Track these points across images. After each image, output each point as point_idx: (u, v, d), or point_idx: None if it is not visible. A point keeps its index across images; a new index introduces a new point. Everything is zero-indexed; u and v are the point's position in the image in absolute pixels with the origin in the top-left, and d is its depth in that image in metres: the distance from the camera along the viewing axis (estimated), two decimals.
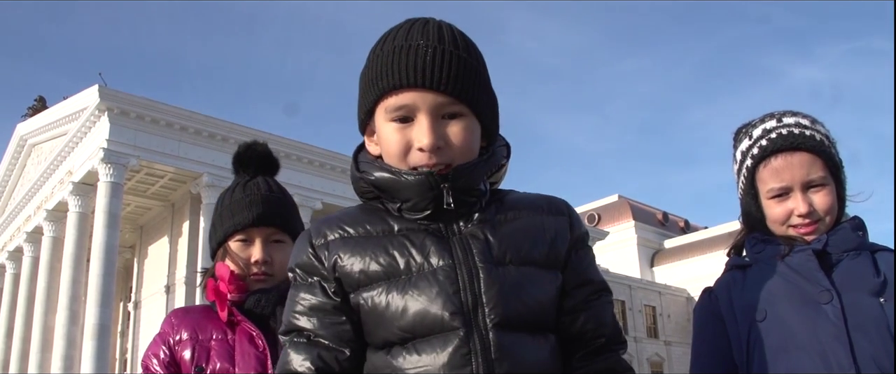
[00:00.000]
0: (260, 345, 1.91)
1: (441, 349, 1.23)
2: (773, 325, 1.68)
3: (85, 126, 27.74)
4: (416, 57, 1.30)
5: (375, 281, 1.30)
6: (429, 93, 1.30)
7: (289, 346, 1.32)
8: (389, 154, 1.34)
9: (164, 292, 29.54)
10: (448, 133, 1.31)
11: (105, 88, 26.39)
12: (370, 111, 1.37)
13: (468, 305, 1.25)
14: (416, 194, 1.32)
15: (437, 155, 1.30)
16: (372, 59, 1.36)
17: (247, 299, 1.98)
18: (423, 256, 1.30)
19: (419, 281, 1.28)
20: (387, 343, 1.29)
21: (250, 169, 2.15)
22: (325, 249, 1.34)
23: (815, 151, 1.77)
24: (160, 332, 1.99)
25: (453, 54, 1.32)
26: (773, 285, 1.73)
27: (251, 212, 2.02)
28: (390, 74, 1.31)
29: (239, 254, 2.03)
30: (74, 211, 27.72)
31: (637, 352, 47.42)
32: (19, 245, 34.24)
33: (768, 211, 1.81)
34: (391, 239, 1.32)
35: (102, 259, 25.01)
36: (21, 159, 36.09)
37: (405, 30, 1.35)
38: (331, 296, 1.32)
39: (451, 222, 1.34)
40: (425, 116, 1.30)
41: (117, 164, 26.03)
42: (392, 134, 1.32)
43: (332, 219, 1.39)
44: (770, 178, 1.78)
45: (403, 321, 1.26)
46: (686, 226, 64.24)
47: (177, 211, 30.76)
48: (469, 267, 1.28)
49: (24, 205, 34.33)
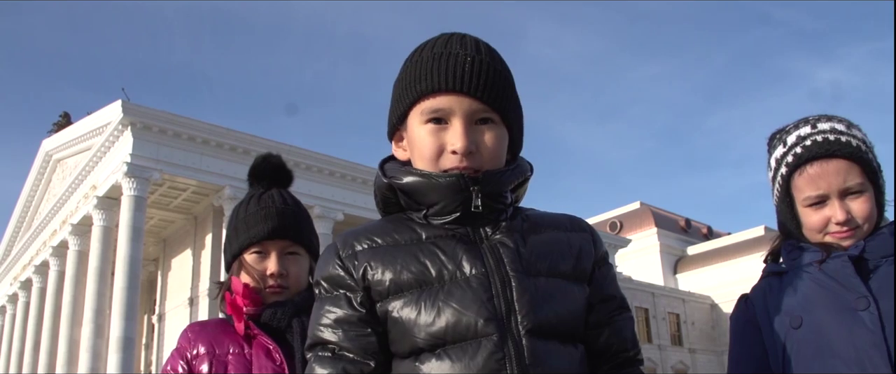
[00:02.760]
0: (277, 359, 1.90)
1: (474, 354, 1.24)
2: (809, 332, 1.65)
3: (108, 141, 28.07)
4: (455, 63, 1.35)
5: (407, 289, 1.31)
6: (465, 98, 1.35)
7: (314, 360, 1.33)
8: (422, 156, 1.37)
9: (188, 305, 29.73)
10: (480, 139, 1.35)
11: (128, 103, 26.69)
12: (403, 115, 1.41)
13: (502, 312, 1.27)
14: (445, 195, 1.34)
15: (469, 159, 1.34)
16: (409, 65, 1.41)
17: (263, 312, 1.97)
18: (455, 263, 1.31)
19: (453, 288, 1.29)
20: (416, 350, 1.29)
21: (264, 181, 2.15)
22: (353, 259, 1.35)
23: (852, 158, 1.72)
24: (177, 347, 1.98)
25: (489, 65, 1.37)
26: (809, 291, 1.70)
27: (266, 225, 2.02)
28: (429, 78, 1.35)
29: (254, 267, 2.02)
30: (99, 225, 28.01)
31: (661, 360, 47.01)
32: (45, 259, 34.64)
33: (805, 219, 1.78)
34: (421, 247, 1.34)
35: (127, 272, 25.22)
36: (46, 175, 36.59)
37: (444, 41, 1.40)
38: (356, 308, 1.33)
39: (477, 227, 1.37)
40: (460, 120, 1.35)
41: (140, 178, 26.28)
42: (426, 136, 1.36)
43: (357, 231, 1.41)
44: (806, 186, 1.74)
45: (435, 327, 1.27)
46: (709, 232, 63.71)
47: (199, 224, 30.99)
48: (501, 275, 1.30)
49: (49, 219, 34.77)
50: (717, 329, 51.68)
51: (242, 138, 28.73)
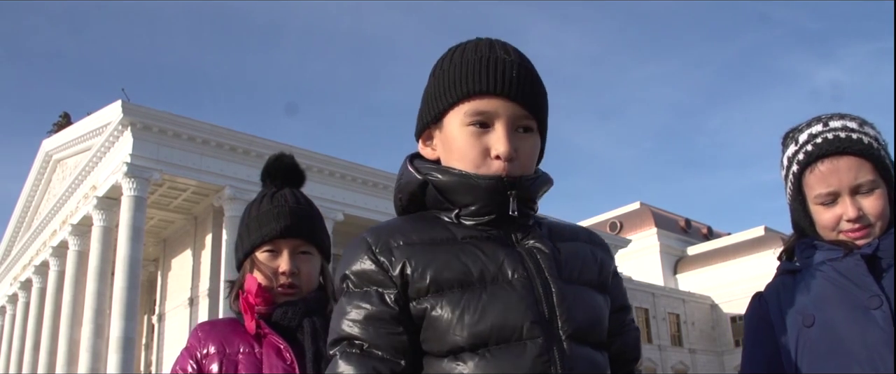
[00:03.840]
0: (287, 358, 1.90)
1: (521, 356, 1.24)
2: (821, 331, 1.65)
3: (108, 141, 28.05)
4: (504, 68, 1.35)
5: (448, 288, 1.29)
6: (510, 103, 1.34)
7: (340, 356, 1.29)
8: (462, 157, 1.35)
9: (188, 305, 29.71)
10: (520, 145, 1.36)
11: (128, 103, 26.68)
12: (439, 115, 1.39)
13: (546, 315, 1.28)
14: (482, 197, 1.34)
15: (510, 166, 1.34)
16: (450, 65, 1.38)
17: (274, 311, 1.97)
18: (497, 265, 1.31)
19: (497, 290, 1.28)
20: (455, 349, 1.27)
21: (277, 181, 2.16)
22: (389, 255, 1.32)
23: (863, 155, 1.71)
24: (187, 346, 1.98)
25: (533, 74, 1.39)
26: (821, 290, 1.69)
27: (279, 223, 2.02)
28: (477, 80, 1.34)
29: (267, 265, 2.02)
30: (99, 225, 28.00)
31: (661, 360, 47.00)
32: (45, 260, 34.63)
33: (817, 217, 1.77)
34: (461, 246, 1.33)
35: (127, 273, 25.21)
36: (46, 175, 36.57)
37: (486, 45, 1.39)
38: (389, 305, 1.29)
39: (509, 231, 1.37)
40: (504, 124, 1.34)
41: (140, 178, 26.28)
42: (469, 138, 1.34)
43: (389, 227, 1.37)
44: (817, 183, 1.73)
45: (480, 327, 1.26)
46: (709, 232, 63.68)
47: (199, 224, 30.98)
48: (542, 280, 1.31)
49: (49, 220, 34.75)
50: (717, 330, 51.69)
51: (242, 139, 28.72)
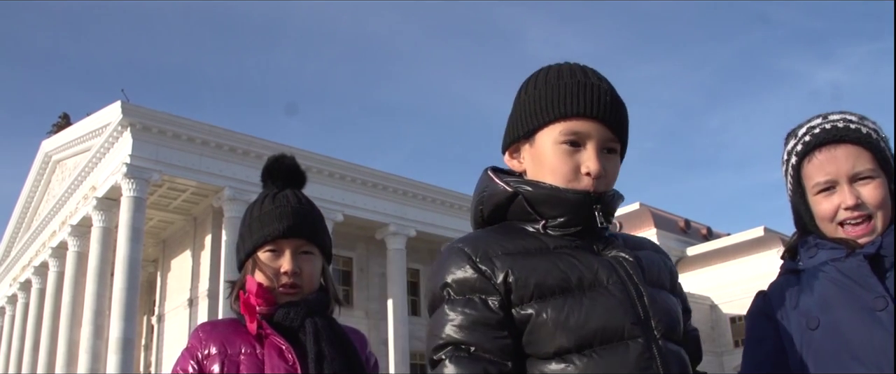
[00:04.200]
0: (289, 359, 1.88)
1: (625, 355, 1.34)
2: (826, 333, 1.61)
3: (108, 142, 28.05)
4: (598, 93, 1.47)
5: (552, 294, 1.38)
6: (602, 126, 1.47)
7: (450, 360, 1.35)
8: (554, 172, 1.47)
9: (188, 306, 29.71)
10: (606, 165, 1.48)
11: (127, 103, 26.70)
12: (531, 132, 1.51)
13: (642, 317, 1.39)
14: (570, 210, 1.45)
15: (597, 182, 1.46)
16: (546, 86, 1.50)
17: (275, 312, 1.96)
18: (592, 272, 1.41)
19: (597, 295, 1.38)
20: (561, 351, 1.35)
21: (279, 182, 2.15)
22: (489, 264, 1.41)
23: (862, 143, 1.70)
24: (188, 346, 1.96)
25: (620, 100, 1.51)
26: (826, 291, 1.65)
27: (281, 223, 2.01)
28: (574, 103, 1.46)
29: (268, 265, 2.01)
30: (98, 226, 28.00)
31: None
32: (45, 260, 34.63)
33: (816, 208, 1.74)
34: (557, 255, 1.43)
35: (126, 273, 25.22)
36: (46, 176, 36.57)
37: (580, 70, 1.52)
38: (494, 311, 1.38)
39: (591, 242, 1.48)
40: (594, 145, 1.47)
41: (140, 179, 26.29)
42: (562, 155, 1.47)
43: (483, 237, 1.47)
44: (815, 172, 1.72)
45: (586, 330, 1.35)
46: (708, 233, 63.69)
47: (199, 225, 30.97)
48: (634, 285, 1.42)
49: (48, 221, 34.75)
50: (716, 330, 51.70)
51: (242, 139, 28.73)
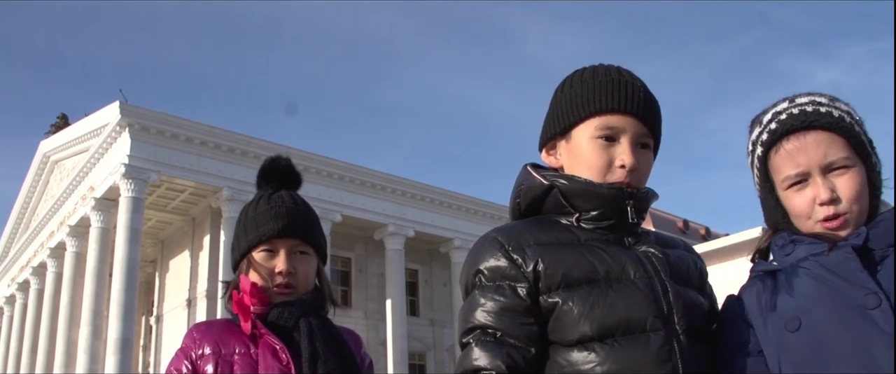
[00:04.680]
0: (283, 359, 1.88)
1: (645, 346, 1.39)
2: (807, 337, 1.41)
3: (106, 142, 28.05)
4: (632, 90, 1.53)
5: (579, 284, 1.44)
6: (636, 121, 1.52)
7: (475, 344, 1.42)
8: (589, 166, 1.52)
9: (186, 306, 29.70)
10: (640, 160, 1.53)
11: (126, 104, 26.70)
12: (568, 128, 1.56)
13: (665, 312, 1.43)
14: (606, 204, 1.50)
15: (631, 175, 1.51)
16: (580, 84, 1.56)
17: (270, 311, 1.96)
18: (620, 266, 1.46)
19: (622, 288, 1.44)
20: (584, 339, 1.41)
21: (274, 183, 2.16)
22: (522, 253, 1.47)
23: (834, 129, 1.50)
24: (182, 346, 1.97)
25: (653, 98, 1.57)
26: (807, 290, 1.45)
27: (276, 223, 2.02)
28: (610, 98, 1.52)
29: (263, 265, 2.02)
30: (96, 226, 28.00)
31: None
32: (43, 261, 34.62)
33: (788, 204, 1.55)
34: (587, 248, 1.48)
35: (124, 274, 25.21)
36: (44, 176, 36.56)
37: (615, 69, 1.57)
38: (522, 298, 1.44)
39: (623, 236, 1.52)
40: (629, 139, 1.52)
41: (138, 179, 26.28)
42: (597, 150, 1.52)
43: (517, 228, 1.53)
44: (783, 164, 1.53)
45: (609, 320, 1.41)
46: (707, 233, 63.63)
47: (197, 225, 30.97)
48: (660, 280, 1.46)
49: (47, 221, 34.73)
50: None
51: (240, 140, 28.73)
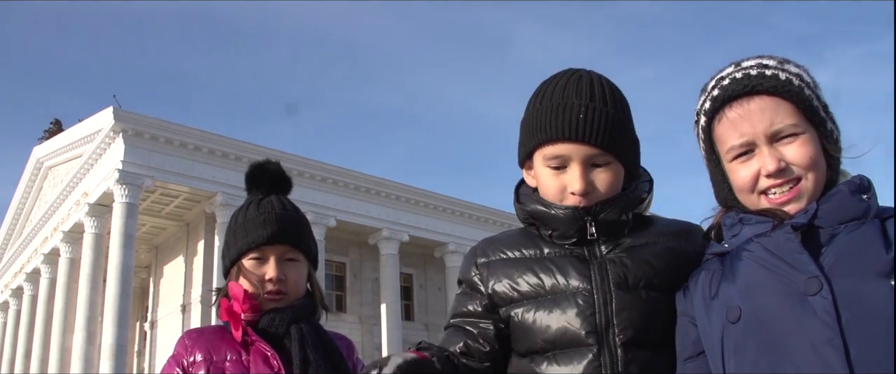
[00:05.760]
0: (274, 365, 1.88)
1: (578, 361, 1.46)
2: (748, 326, 1.29)
3: (100, 148, 27.97)
4: (570, 115, 1.51)
5: (525, 299, 1.54)
6: (581, 145, 1.51)
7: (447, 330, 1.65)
8: (546, 193, 1.58)
9: (180, 312, 29.62)
10: (596, 179, 1.54)
11: (119, 109, 26.62)
12: (529, 154, 1.60)
13: (601, 325, 1.47)
14: (564, 225, 1.55)
15: (586, 198, 1.53)
16: (532, 112, 1.58)
17: (261, 318, 1.96)
18: (566, 279, 1.52)
19: (561, 301, 1.50)
20: (531, 351, 1.52)
21: (263, 187, 2.14)
22: (485, 268, 1.62)
23: (780, 93, 1.37)
24: (174, 354, 1.96)
25: (603, 111, 1.52)
26: (749, 275, 1.32)
27: (265, 230, 2.01)
28: (549, 128, 1.52)
29: (253, 272, 2.01)
30: (90, 232, 27.90)
31: None
32: (36, 267, 34.48)
33: (732, 177, 1.43)
34: (541, 262, 1.56)
35: (118, 279, 25.12)
36: (38, 182, 36.43)
37: (562, 86, 1.56)
38: (481, 306, 1.61)
39: (594, 247, 1.56)
40: (577, 165, 1.53)
41: (132, 184, 26.20)
42: (549, 178, 1.56)
43: (494, 242, 1.66)
44: (727, 134, 1.41)
45: (547, 334, 1.49)
46: None
47: (191, 230, 30.89)
48: (604, 291, 1.49)
49: (40, 227, 34.61)
50: None
51: (234, 145, 28.68)
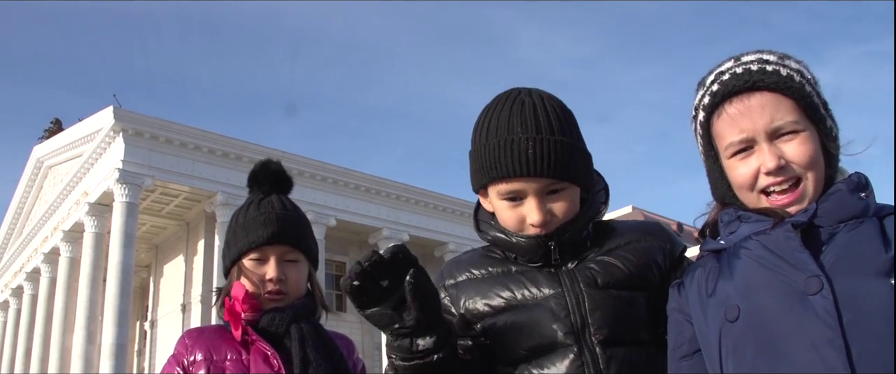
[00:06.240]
0: (274, 365, 1.89)
1: (560, 362, 1.49)
2: (747, 326, 1.28)
3: (100, 147, 27.96)
4: (518, 151, 1.48)
5: (499, 312, 1.56)
6: (533, 179, 1.50)
7: None
8: (505, 224, 1.58)
9: (180, 311, 29.61)
10: (553, 207, 1.54)
11: (119, 109, 26.62)
12: (482, 188, 1.60)
13: (577, 325, 1.49)
14: (527, 252, 1.57)
15: (545, 227, 1.54)
16: (479, 147, 1.55)
17: (261, 318, 1.97)
18: (538, 287, 1.55)
19: (534, 309, 1.53)
20: (515, 361, 1.54)
21: (264, 187, 2.15)
22: (455, 289, 1.63)
23: (781, 90, 1.36)
24: (174, 353, 1.97)
25: (551, 142, 1.50)
26: (748, 274, 1.31)
27: (266, 230, 2.01)
28: (498, 167, 1.50)
29: (253, 272, 2.01)
30: (90, 231, 27.89)
31: None
32: (37, 266, 34.46)
33: (731, 174, 1.41)
34: (510, 277, 1.59)
35: (119, 279, 25.11)
36: (38, 181, 36.41)
37: (505, 118, 1.52)
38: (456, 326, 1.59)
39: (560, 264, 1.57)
40: (532, 197, 1.52)
41: (132, 184, 26.19)
42: (505, 211, 1.56)
43: (462, 262, 1.68)
44: (726, 130, 1.39)
45: (527, 342, 1.52)
46: None
47: (192, 230, 30.88)
48: (576, 293, 1.52)
49: (40, 226, 34.59)
50: None
51: (234, 144, 28.66)
